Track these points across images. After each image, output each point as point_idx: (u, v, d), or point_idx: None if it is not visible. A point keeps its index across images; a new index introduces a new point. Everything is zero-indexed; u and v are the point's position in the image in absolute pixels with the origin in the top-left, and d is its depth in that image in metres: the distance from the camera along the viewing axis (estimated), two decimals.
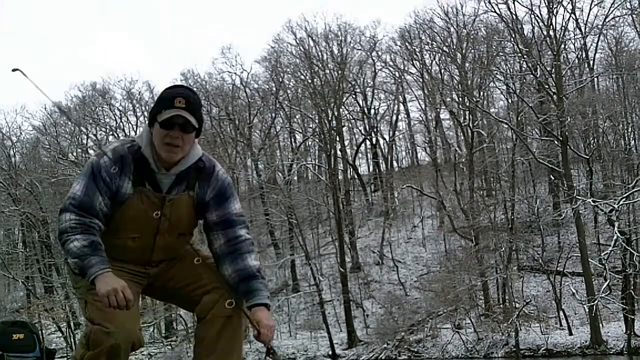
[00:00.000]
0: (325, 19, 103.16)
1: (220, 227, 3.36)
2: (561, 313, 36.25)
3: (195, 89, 3.67)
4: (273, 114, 53.24)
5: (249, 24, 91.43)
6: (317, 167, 54.96)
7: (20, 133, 53.69)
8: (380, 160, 56.25)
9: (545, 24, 38.97)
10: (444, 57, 48.88)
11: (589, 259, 34.23)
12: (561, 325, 36.21)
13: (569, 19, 40.78)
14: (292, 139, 56.61)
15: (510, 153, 44.44)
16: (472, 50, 46.11)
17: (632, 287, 33.52)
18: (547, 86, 38.68)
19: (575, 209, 35.10)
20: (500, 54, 43.95)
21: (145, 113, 57.44)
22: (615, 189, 38.21)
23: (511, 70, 45.37)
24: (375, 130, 55.62)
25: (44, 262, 49.35)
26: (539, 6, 38.98)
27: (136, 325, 3.25)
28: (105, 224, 3.23)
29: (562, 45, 40.08)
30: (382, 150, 56.40)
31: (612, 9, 42.70)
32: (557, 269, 37.93)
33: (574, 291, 36.19)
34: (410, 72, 52.90)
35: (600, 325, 33.71)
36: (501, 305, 38.25)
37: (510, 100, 46.59)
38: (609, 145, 43.98)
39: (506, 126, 44.01)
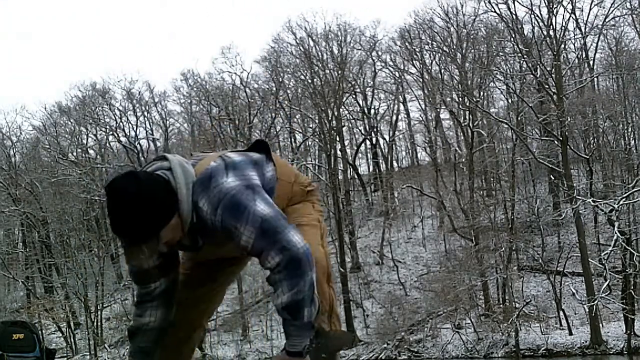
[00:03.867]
0: (325, 19, 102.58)
1: None
2: (561, 313, 36.23)
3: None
4: (273, 114, 53.17)
5: (249, 24, 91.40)
6: (317, 167, 54.91)
7: (20, 133, 53.70)
8: (380, 160, 56.23)
9: (545, 24, 38.98)
10: (444, 57, 48.88)
11: (589, 259, 34.23)
12: (561, 325, 36.19)
13: (569, 19, 40.87)
14: (292, 139, 56.58)
15: (510, 153, 44.42)
16: (472, 50, 46.08)
17: (632, 287, 33.51)
18: (547, 86, 38.67)
19: (575, 209, 35.09)
20: (500, 54, 43.94)
21: (146, 113, 57.54)
22: (615, 189, 38.23)
23: (511, 70, 45.34)
24: (375, 130, 55.61)
25: (44, 262, 49.30)
26: (539, 6, 39.07)
27: None
28: None
29: (562, 45, 40.09)
30: (382, 150, 56.39)
31: (612, 9, 42.78)
32: (557, 269, 37.93)
33: (574, 291, 36.20)
34: (410, 72, 52.93)
35: (600, 325, 33.69)
36: (501, 305, 38.23)
37: (510, 100, 46.57)
38: (609, 145, 43.98)
39: (506, 126, 43.99)
